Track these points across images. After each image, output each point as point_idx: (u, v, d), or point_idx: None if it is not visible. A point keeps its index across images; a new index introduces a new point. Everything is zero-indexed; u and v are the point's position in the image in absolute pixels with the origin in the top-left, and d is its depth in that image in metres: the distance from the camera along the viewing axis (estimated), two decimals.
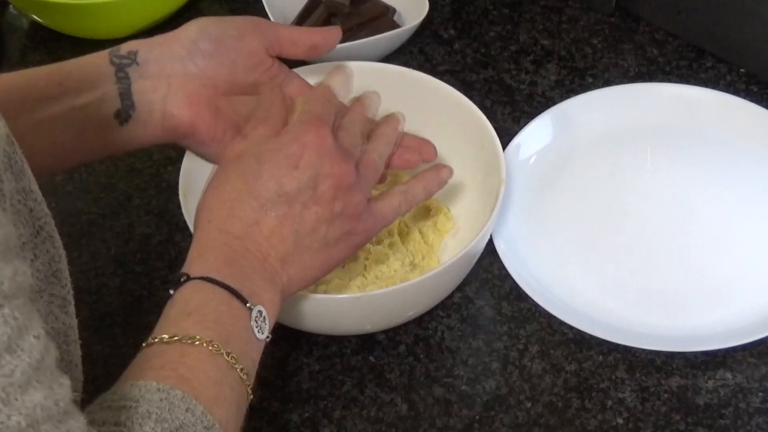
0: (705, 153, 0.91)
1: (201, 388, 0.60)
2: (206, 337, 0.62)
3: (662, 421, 0.75)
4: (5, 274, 0.46)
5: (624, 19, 1.05)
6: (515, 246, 0.84)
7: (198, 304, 0.65)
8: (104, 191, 0.94)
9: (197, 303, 0.65)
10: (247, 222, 0.69)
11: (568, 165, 0.91)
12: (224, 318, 0.65)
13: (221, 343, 0.63)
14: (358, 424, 0.76)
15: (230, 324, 0.65)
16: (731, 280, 0.83)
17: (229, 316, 0.65)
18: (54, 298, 0.56)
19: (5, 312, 0.46)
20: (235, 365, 0.63)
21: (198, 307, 0.65)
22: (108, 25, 1.06)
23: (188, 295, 0.65)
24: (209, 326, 0.63)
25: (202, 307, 0.65)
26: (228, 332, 0.64)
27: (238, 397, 0.63)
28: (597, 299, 0.82)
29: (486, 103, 0.97)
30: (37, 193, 0.54)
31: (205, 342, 0.62)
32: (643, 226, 0.87)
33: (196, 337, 0.62)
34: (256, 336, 0.65)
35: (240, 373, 0.63)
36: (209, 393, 0.61)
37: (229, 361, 0.63)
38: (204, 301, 0.65)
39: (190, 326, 0.63)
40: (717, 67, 1.00)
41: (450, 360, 0.80)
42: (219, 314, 0.65)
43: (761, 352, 0.79)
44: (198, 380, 0.61)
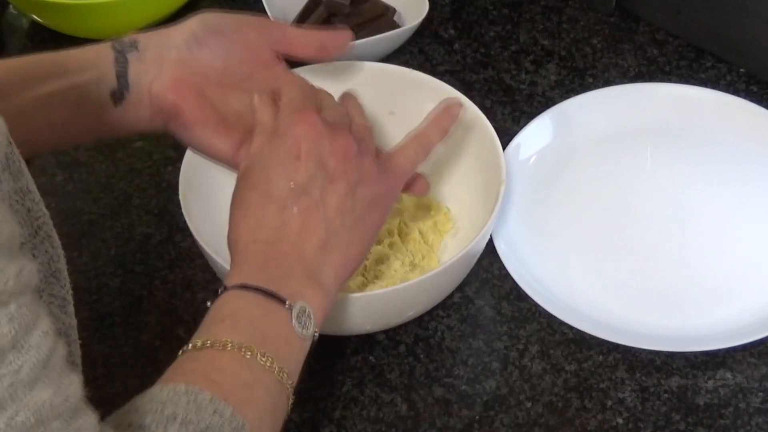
0: (705, 153, 0.91)
1: (231, 391, 0.60)
2: (238, 341, 0.62)
3: (662, 421, 0.75)
4: (11, 271, 0.46)
5: (624, 19, 1.05)
6: (515, 246, 0.84)
7: (232, 310, 0.65)
8: (104, 191, 0.94)
9: (231, 309, 0.65)
10: (274, 226, 0.69)
11: (568, 165, 0.91)
12: (259, 321, 0.64)
13: (255, 345, 0.62)
14: (358, 424, 0.76)
15: (266, 326, 0.64)
16: (731, 280, 0.83)
17: (266, 319, 0.65)
18: (53, 298, 0.56)
19: (11, 309, 0.46)
20: (272, 366, 0.62)
21: (231, 313, 0.65)
22: (108, 25, 1.05)
23: (222, 304, 0.66)
24: (242, 330, 0.63)
25: (236, 312, 0.65)
26: (264, 334, 0.64)
27: (275, 398, 0.63)
28: (597, 299, 0.82)
29: (486, 103, 0.97)
30: (35, 193, 0.54)
31: (236, 346, 0.62)
32: (643, 226, 0.87)
33: (228, 341, 0.62)
34: (299, 334, 0.65)
35: (277, 375, 0.63)
36: (240, 395, 0.60)
37: (264, 363, 0.62)
38: (238, 306, 0.65)
39: (222, 331, 0.63)
40: (717, 67, 1.00)
41: (450, 360, 0.80)
42: (253, 318, 0.64)
43: (761, 352, 0.79)
44: (228, 383, 0.61)
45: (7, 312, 0.46)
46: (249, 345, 0.62)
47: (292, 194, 0.69)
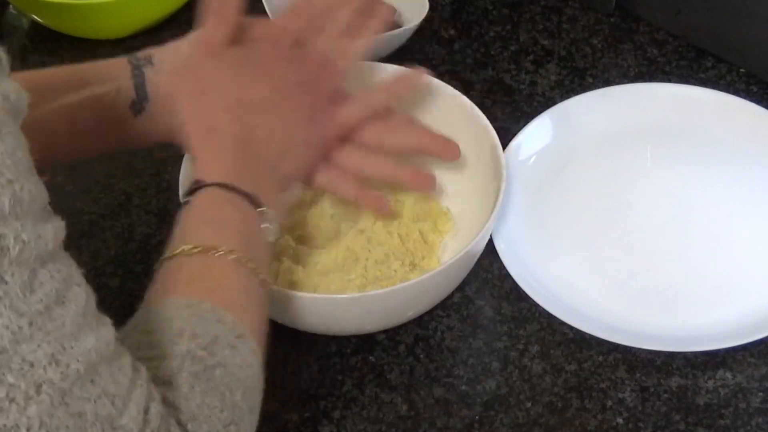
0: (705, 153, 0.91)
1: (228, 298, 0.62)
2: (228, 247, 0.64)
3: (662, 421, 0.75)
4: (48, 233, 0.49)
5: (624, 19, 1.05)
6: (515, 246, 0.84)
7: (215, 213, 0.67)
8: (104, 191, 0.94)
9: (214, 212, 0.67)
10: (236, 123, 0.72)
11: (568, 165, 0.91)
12: (241, 226, 0.67)
13: (243, 252, 0.64)
14: (358, 424, 0.76)
15: (246, 231, 0.67)
16: (731, 280, 0.83)
17: (245, 224, 0.67)
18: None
19: (51, 268, 0.49)
20: (256, 269, 0.64)
21: (215, 217, 0.67)
22: (108, 25, 1.06)
23: (203, 204, 0.68)
24: (229, 235, 0.65)
25: (219, 215, 0.67)
26: (247, 240, 0.66)
27: (262, 302, 0.65)
28: (597, 299, 0.82)
29: (486, 103, 0.97)
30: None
31: (227, 252, 0.64)
32: (643, 226, 0.87)
33: (219, 247, 0.64)
34: (267, 238, 0.68)
35: (259, 278, 0.65)
36: (237, 302, 0.63)
37: (252, 269, 0.64)
38: (220, 209, 0.67)
39: (210, 236, 0.65)
40: (717, 67, 1.00)
41: (450, 360, 0.80)
42: (236, 222, 0.67)
43: (761, 352, 0.79)
44: (224, 290, 0.63)
45: (48, 271, 0.49)
46: (237, 250, 0.64)
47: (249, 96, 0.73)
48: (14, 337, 0.47)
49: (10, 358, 0.47)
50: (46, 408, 0.48)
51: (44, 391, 0.48)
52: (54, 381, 0.48)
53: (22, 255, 0.47)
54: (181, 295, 0.61)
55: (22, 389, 0.47)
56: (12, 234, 0.47)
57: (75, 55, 1.06)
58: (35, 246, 0.48)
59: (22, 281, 0.47)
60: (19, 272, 0.47)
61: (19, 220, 0.47)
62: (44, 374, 0.48)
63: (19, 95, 0.49)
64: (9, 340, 0.47)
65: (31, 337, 0.47)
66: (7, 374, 0.47)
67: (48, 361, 0.48)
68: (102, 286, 0.86)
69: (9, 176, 0.47)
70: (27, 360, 0.47)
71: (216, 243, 0.64)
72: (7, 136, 0.47)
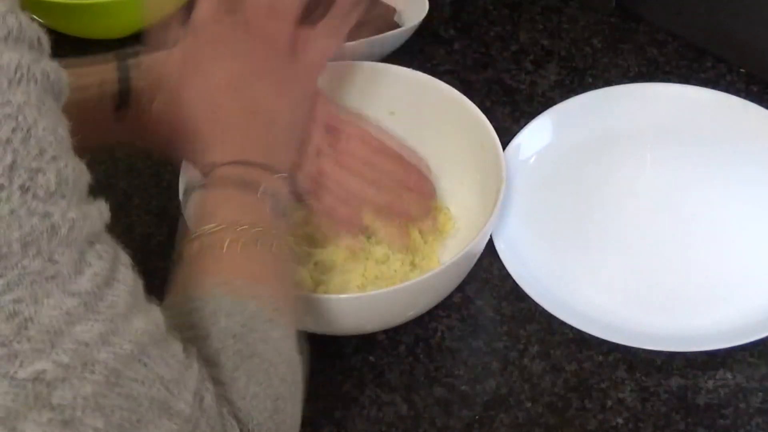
0: (705, 153, 0.91)
1: (259, 273, 0.63)
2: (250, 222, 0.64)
3: (662, 421, 0.75)
4: (94, 214, 0.50)
5: (624, 19, 1.05)
6: (515, 246, 0.84)
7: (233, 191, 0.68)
8: (104, 191, 0.94)
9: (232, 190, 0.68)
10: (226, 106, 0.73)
11: (568, 165, 0.91)
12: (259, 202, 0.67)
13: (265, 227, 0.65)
14: (358, 424, 0.76)
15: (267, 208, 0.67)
16: (731, 280, 0.83)
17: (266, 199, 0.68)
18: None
19: (99, 248, 0.49)
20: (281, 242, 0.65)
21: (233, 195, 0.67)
22: (108, 25, 1.06)
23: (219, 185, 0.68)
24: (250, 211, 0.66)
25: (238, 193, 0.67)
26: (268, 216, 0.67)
27: (291, 272, 0.67)
28: (597, 299, 0.82)
29: (486, 103, 0.97)
30: None
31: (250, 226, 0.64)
32: (643, 225, 0.87)
33: (242, 222, 0.64)
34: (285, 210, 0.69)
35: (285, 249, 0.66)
36: (268, 275, 0.63)
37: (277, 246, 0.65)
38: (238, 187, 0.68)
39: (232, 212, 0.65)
40: (717, 67, 0.99)
41: (450, 360, 0.80)
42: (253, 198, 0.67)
43: (761, 352, 0.79)
44: (253, 265, 0.63)
45: (95, 252, 0.49)
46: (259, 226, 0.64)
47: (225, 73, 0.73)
48: (68, 318, 0.47)
49: (64, 339, 0.47)
50: (100, 389, 0.48)
51: (98, 371, 0.48)
52: (107, 362, 0.48)
53: (71, 235, 0.47)
54: (212, 275, 0.61)
55: (77, 370, 0.47)
56: (59, 212, 0.47)
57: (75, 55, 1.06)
58: (83, 225, 0.48)
59: (73, 261, 0.47)
60: (69, 252, 0.47)
61: (66, 198, 0.48)
62: (97, 354, 0.48)
63: (59, 75, 0.50)
64: (64, 321, 0.47)
65: (83, 318, 0.47)
66: (61, 354, 0.47)
67: (101, 341, 0.48)
68: None
69: (53, 153, 0.47)
70: (80, 340, 0.47)
71: (237, 217, 0.64)
72: (48, 113, 0.47)
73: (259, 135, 0.72)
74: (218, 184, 0.68)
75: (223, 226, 0.64)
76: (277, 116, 0.74)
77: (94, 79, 0.76)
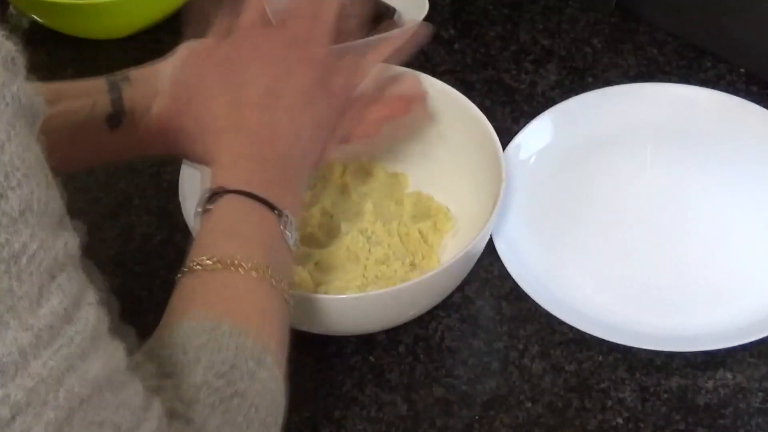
0: (705, 153, 0.91)
1: (249, 316, 0.61)
2: (249, 259, 0.62)
3: (662, 421, 0.75)
4: (59, 245, 0.47)
5: (624, 19, 1.05)
6: (515, 246, 0.84)
7: (235, 221, 0.65)
8: (104, 191, 0.94)
9: (236, 222, 0.65)
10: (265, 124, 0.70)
11: (568, 165, 0.91)
12: (265, 236, 0.65)
13: (264, 266, 0.62)
14: (358, 424, 0.76)
15: (269, 242, 0.65)
16: (731, 280, 0.83)
17: (268, 233, 0.65)
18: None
19: (61, 282, 0.47)
20: (278, 284, 0.63)
21: (237, 227, 0.65)
22: (108, 25, 1.06)
23: (225, 213, 0.66)
24: (253, 250, 0.63)
25: (241, 225, 0.65)
26: (268, 251, 0.64)
27: (283, 318, 0.63)
28: (597, 299, 0.82)
29: (486, 103, 0.97)
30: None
31: (249, 267, 0.62)
32: (643, 226, 0.87)
33: (240, 260, 0.62)
34: (290, 246, 0.66)
35: (283, 293, 0.63)
36: (257, 319, 0.61)
37: (274, 284, 0.62)
38: (243, 218, 0.65)
39: (231, 248, 0.63)
40: (717, 67, 0.99)
41: (450, 360, 0.80)
42: (260, 232, 0.65)
43: (761, 352, 0.79)
44: (244, 307, 0.61)
45: (57, 285, 0.47)
46: (258, 263, 0.62)
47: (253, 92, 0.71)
48: (22, 353, 0.45)
49: (17, 375, 0.45)
50: (51, 428, 0.46)
51: (49, 411, 0.46)
52: (59, 402, 0.46)
53: (31, 265, 0.45)
54: (200, 314, 0.59)
55: (29, 407, 0.45)
56: (20, 241, 0.45)
57: (75, 55, 1.06)
58: (44, 257, 0.46)
59: (31, 293, 0.45)
60: (29, 283, 0.45)
61: (29, 226, 0.46)
62: (49, 395, 0.46)
63: (33, 98, 0.48)
64: (18, 356, 0.45)
65: (38, 354, 0.46)
66: (13, 391, 0.45)
67: (54, 379, 0.46)
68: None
69: (18, 178, 0.45)
70: (34, 377, 0.45)
71: (237, 255, 0.62)
72: (15, 138, 0.46)
73: (275, 169, 0.69)
74: (224, 211, 0.66)
75: (218, 259, 0.62)
76: (295, 145, 0.71)
77: (87, 101, 0.75)
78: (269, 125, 0.70)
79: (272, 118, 0.71)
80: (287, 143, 0.71)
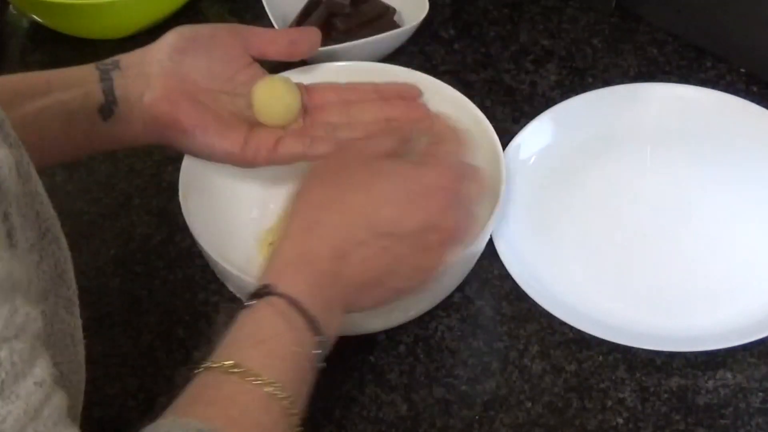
0: (705, 153, 0.91)
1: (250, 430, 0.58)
2: (270, 377, 0.59)
3: (662, 421, 0.75)
4: (1, 314, 0.44)
5: (624, 19, 1.05)
6: (515, 246, 0.84)
7: (271, 332, 0.61)
8: (104, 191, 0.94)
9: (271, 331, 0.62)
10: (352, 243, 0.65)
11: (568, 165, 0.91)
12: (294, 354, 0.62)
13: (283, 385, 0.59)
14: (358, 424, 0.76)
15: (297, 361, 0.62)
16: (731, 280, 0.83)
17: (298, 352, 0.62)
18: (60, 299, 0.56)
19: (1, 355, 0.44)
20: (291, 410, 0.60)
21: (271, 337, 0.61)
22: (108, 25, 1.06)
23: (263, 317, 0.62)
24: (276, 363, 0.60)
25: (276, 337, 0.61)
26: (293, 373, 0.61)
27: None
28: (597, 299, 0.82)
29: (486, 103, 0.97)
30: (44, 195, 0.55)
31: (267, 383, 0.59)
32: (643, 225, 0.87)
33: (261, 375, 0.59)
34: (315, 366, 0.63)
35: (292, 418, 0.60)
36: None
37: (286, 408, 0.60)
38: (278, 330, 0.62)
39: (257, 358, 0.60)
40: (717, 67, 1.00)
41: (450, 360, 0.80)
42: (289, 349, 0.61)
43: (761, 352, 0.79)
44: (247, 424, 0.58)
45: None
46: (279, 384, 0.59)
47: (387, 230, 0.66)
48: None
49: None
50: None
51: None
52: None
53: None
54: (200, 419, 0.56)
55: None
56: None
57: (75, 55, 1.06)
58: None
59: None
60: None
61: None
62: None
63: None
64: None
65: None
66: None
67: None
68: (102, 286, 0.86)
69: None
70: None
71: (260, 369, 0.59)
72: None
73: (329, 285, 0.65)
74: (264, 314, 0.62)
75: (239, 369, 0.59)
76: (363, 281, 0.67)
77: (77, 91, 0.75)
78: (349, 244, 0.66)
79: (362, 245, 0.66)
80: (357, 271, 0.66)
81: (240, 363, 0.59)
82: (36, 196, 0.53)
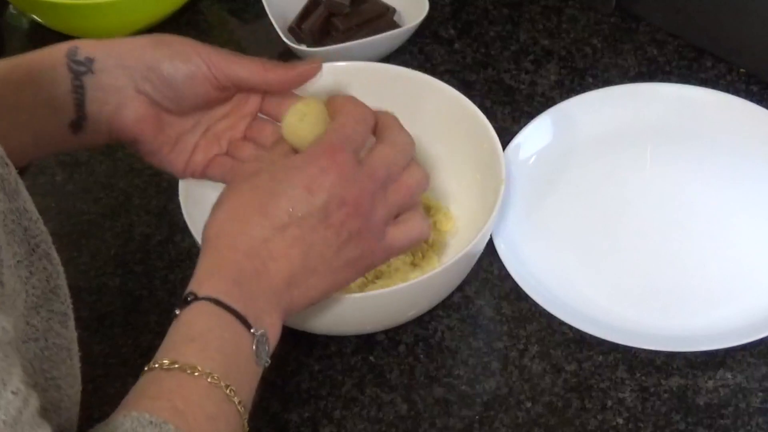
0: (705, 153, 0.91)
1: (195, 423, 0.59)
2: (207, 368, 0.61)
3: (662, 421, 0.75)
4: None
5: (624, 19, 1.05)
6: (515, 246, 0.84)
7: (202, 329, 0.63)
8: (104, 191, 0.94)
9: (201, 328, 0.63)
10: (257, 240, 0.67)
11: (568, 165, 0.91)
12: (228, 346, 0.63)
13: (222, 375, 0.61)
14: (358, 424, 0.76)
15: (233, 353, 0.63)
16: (731, 280, 0.83)
17: (233, 345, 0.63)
18: (53, 314, 0.56)
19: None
20: (234, 398, 0.61)
21: (202, 333, 0.63)
22: (108, 25, 1.05)
23: (193, 318, 0.64)
24: (211, 355, 0.62)
25: (207, 333, 0.63)
26: (229, 362, 0.62)
27: (234, 429, 0.62)
28: (597, 299, 0.82)
29: (486, 103, 0.97)
30: (33, 212, 0.55)
31: (205, 374, 0.60)
32: (643, 226, 0.87)
33: (197, 367, 0.61)
34: (256, 363, 0.64)
35: (238, 406, 0.61)
36: (203, 428, 0.59)
37: (228, 395, 0.61)
38: (209, 326, 0.63)
39: (192, 353, 0.62)
40: (717, 67, 1.00)
41: (450, 360, 0.80)
42: (223, 342, 0.63)
43: (761, 352, 0.79)
44: (193, 414, 0.59)
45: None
46: (216, 374, 0.61)
47: (287, 219, 0.67)
48: None
49: None
50: None
51: None
52: None
53: None
54: (147, 411, 0.58)
55: None
56: None
57: None
58: None
59: None
60: None
61: None
62: None
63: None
64: None
65: None
66: None
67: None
68: (102, 286, 0.86)
69: None
70: None
71: (195, 362, 0.61)
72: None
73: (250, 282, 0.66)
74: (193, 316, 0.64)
75: (177, 365, 0.61)
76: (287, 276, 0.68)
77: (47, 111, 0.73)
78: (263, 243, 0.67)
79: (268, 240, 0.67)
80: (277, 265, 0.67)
81: (176, 359, 0.61)
82: (24, 212, 0.53)
